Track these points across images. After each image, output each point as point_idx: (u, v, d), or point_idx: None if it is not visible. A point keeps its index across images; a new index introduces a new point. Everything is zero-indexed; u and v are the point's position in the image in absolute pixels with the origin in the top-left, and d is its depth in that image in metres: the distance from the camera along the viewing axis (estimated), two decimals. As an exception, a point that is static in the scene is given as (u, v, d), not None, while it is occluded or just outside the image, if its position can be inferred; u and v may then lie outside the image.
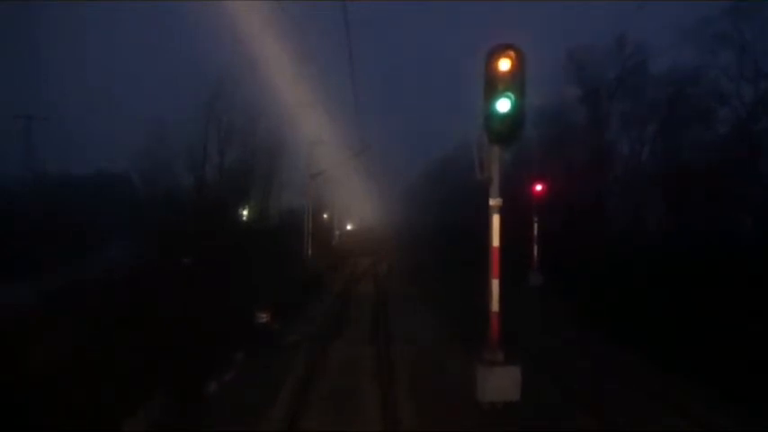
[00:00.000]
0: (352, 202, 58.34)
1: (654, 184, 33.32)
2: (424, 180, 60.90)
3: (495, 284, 8.84)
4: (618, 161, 34.63)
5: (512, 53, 8.37)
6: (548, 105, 31.13)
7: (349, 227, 62.62)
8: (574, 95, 31.22)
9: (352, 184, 49.85)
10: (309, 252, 27.42)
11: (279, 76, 28.06)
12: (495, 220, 8.92)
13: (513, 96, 8.29)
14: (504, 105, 8.32)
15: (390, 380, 10.43)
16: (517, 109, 8.36)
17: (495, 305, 8.80)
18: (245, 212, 35.48)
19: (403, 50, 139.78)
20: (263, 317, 12.94)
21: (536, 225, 21.40)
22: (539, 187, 21.28)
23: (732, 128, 28.53)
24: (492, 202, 8.90)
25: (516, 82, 8.35)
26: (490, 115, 8.39)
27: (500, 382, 8.46)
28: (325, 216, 44.56)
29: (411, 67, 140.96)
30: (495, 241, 8.89)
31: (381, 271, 32.81)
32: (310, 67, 27.03)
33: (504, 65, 8.38)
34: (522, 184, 24.26)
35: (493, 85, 8.37)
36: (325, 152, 29.87)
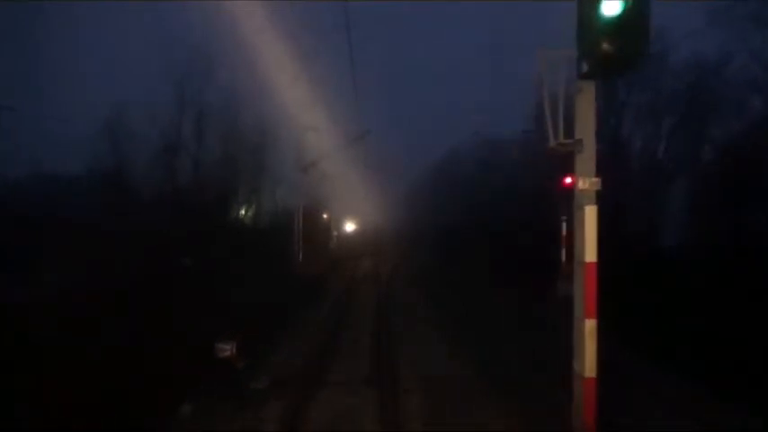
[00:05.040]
0: (353, 203, 54.43)
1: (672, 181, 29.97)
2: (427, 179, 57.09)
3: (588, 329, 4.79)
4: (633, 157, 30.98)
5: None
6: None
7: (349, 227, 58.63)
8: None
9: (352, 184, 45.96)
10: (301, 257, 23.21)
11: (270, 64, 24.02)
12: (589, 214, 4.88)
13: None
14: (612, 7, 4.32)
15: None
16: (636, 11, 4.35)
17: (588, 367, 4.76)
18: (242, 212, 31.59)
19: (405, 45, 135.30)
20: (227, 349, 8.86)
21: (564, 224, 17.39)
22: (568, 180, 17.12)
23: (764, 118, 24.78)
24: (582, 183, 4.96)
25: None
26: (589, 25, 4.39)
27: None
28: (325, 216, 40.64)
29: (413, 63, 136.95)
30: (590, 253, 4.83)
31: (384, 274, 29.19)
32: (306, 53, 22.98)
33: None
34: (545, 175, 20.48)
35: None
36: (320, 143, 25.79)
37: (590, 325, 4.91)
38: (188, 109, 24.10)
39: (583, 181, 5.04)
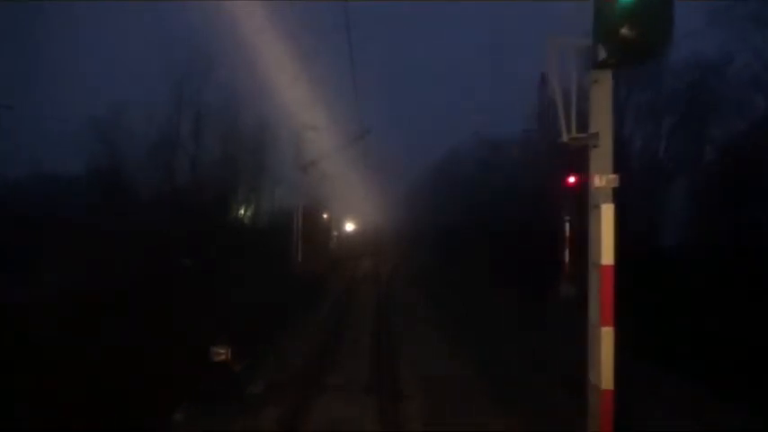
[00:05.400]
0: (353, 203, 54.30)
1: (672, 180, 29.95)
2: (427, 179, 57.02)
3: (605, 337, 4.49)
4: (633, 157, 30.91)
5: None
6: (565, 94, 27.22)
7: (350, 227, 58.54)
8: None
9: (352, 184, 45.88)
10: (300, 257, 23.09)
11: (270, 63, 23.91)
12: (606, 213, 4.58)
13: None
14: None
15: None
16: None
17: (605, 378, 4.44)
18: (241, 211, 31.44)
19: (405, 45, 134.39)
20: (222, 353, 8.63)
21: (567, 225, 17.28)
22: (571, 179, 16.95)
23: (765, 118, 24.73)
24: (598, 180, 4.64)
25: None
26: (607, 8, 4.18)
27: None
28: (325, 216, 40.58)
29: (413, 63, 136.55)
30: (607, 255, 4.55)
31: (384, 274, 29.20)
32: (306, 53, 22.88)
33: None
34: (546, 175, 20.41)
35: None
36: (320, 143, 25.72)
37: (607, 333, 4.50)
38: (187, 109, 24.11)
39: (599, 178, 4.66)
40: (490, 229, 28.15)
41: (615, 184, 4.67)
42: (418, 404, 8.29)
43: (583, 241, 16.40)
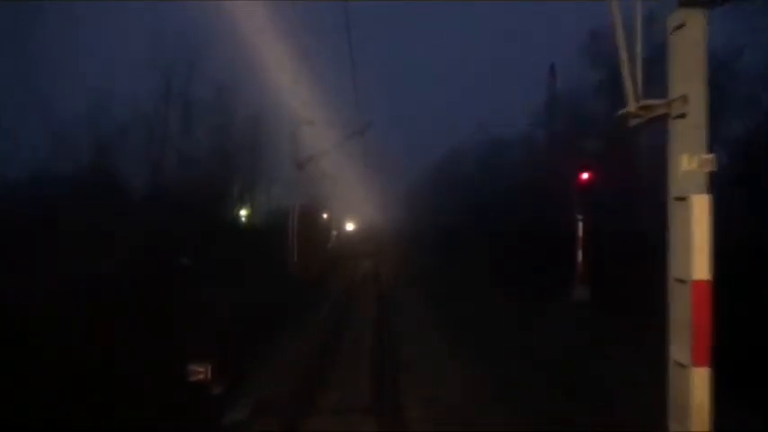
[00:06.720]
0: (354, 202, 54.37)
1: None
2: (428, 179, 56.98)
3: (699, 381, 3.30)
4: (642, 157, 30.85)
5: None
6: (567, 92, 27.46)
7: (350, 227, 58.61)
8: (595, 82, 27.09)
9: (353, 183, 45.93)
10: (296, 257, 23.02)
11: (269, 63, 23.88)
12: (698, 207, 3.33)
13: None
14: None
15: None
16: None
17: None
18: (238, 211, 31.37)
19: (405, 45, 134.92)
20: (200, 372, 7.48)
21: (580, 225, 16.84)
22: (585, 175, 16.51)
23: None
24: (687, 162, 3.39)
25: None
26: None
27: None
28: (324, 216, 40.55)
29: (413, 63, 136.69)
30: (699, 265, 3.30)
31: (384, 274, 29.25)
32: (306, 53, 22.86)
33: None
34: (552, 172, 20.20)
35: None
36: (320, 141, 25.73)
37: (701, 376, 3.22)
38: (180, 104, 24.13)
39: (688, 159, 3.36)
40: (491, 229, 28.12)
41: (712, 167, 3.43)
42: (419, 401, 8.34)
43: (591, 242, 15.97)
